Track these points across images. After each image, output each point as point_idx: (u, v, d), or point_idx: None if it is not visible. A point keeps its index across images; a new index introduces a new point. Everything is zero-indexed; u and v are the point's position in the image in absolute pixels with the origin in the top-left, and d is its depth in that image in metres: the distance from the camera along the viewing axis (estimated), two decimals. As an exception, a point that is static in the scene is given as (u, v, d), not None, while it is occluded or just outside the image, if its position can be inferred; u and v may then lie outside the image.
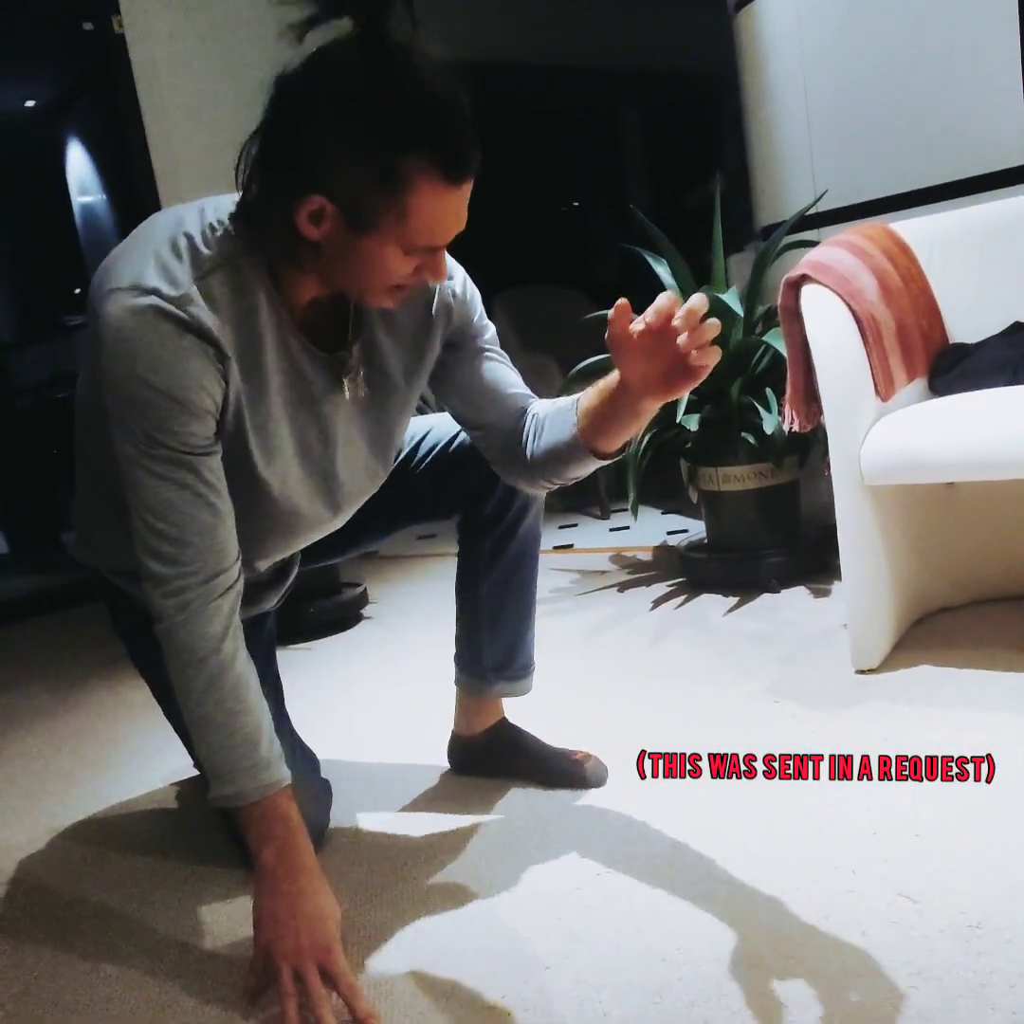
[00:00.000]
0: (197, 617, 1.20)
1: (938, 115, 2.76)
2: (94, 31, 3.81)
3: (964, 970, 1.07)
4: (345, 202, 1.10)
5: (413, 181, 1.08)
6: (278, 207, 1.13)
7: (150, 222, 1.25)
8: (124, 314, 1.14)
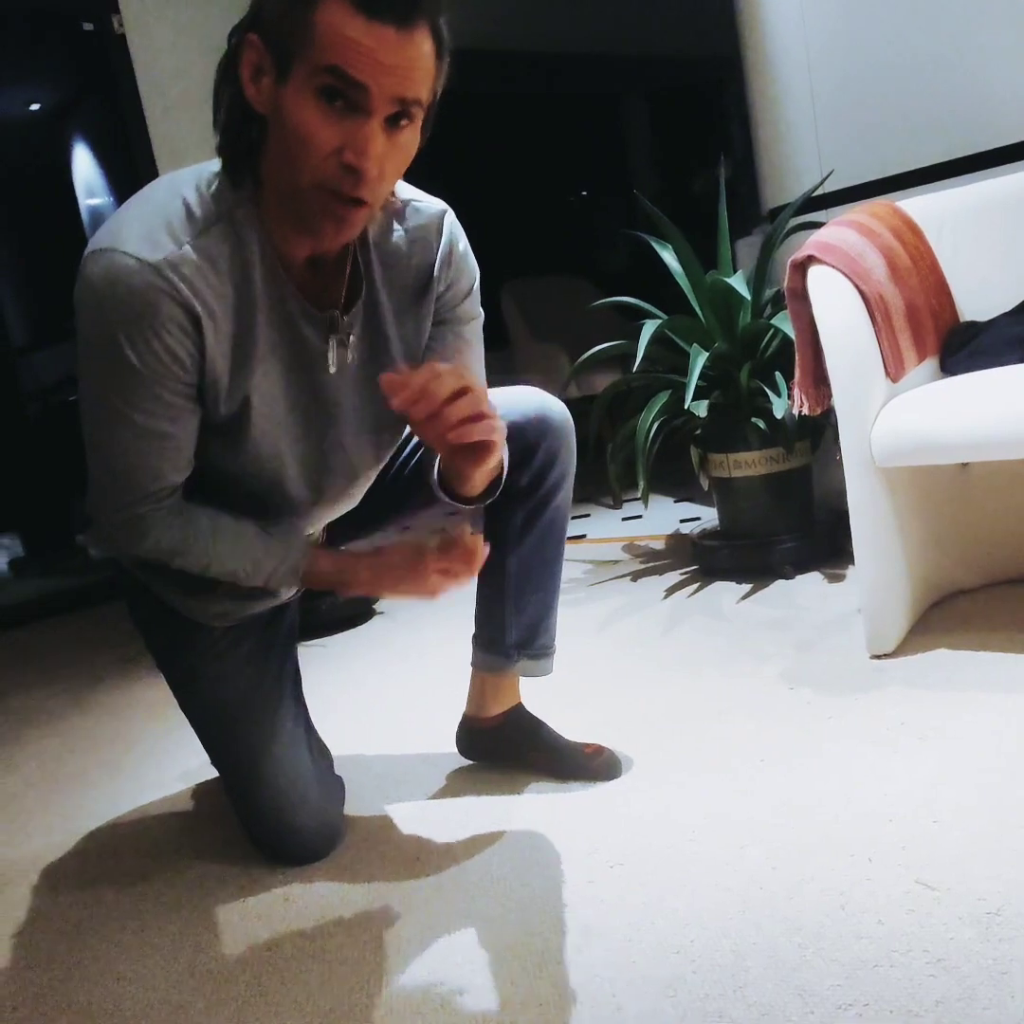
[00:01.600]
0: (153, 526, 1.29)
1: (944, 92, 2.72)
2: (94, 31, 3.81)
3: (983, 958, 1.05)
4: (270, 35, 1.09)
5: (323, 2, 1.05)
6: (228, 70, 1.13)
7: (149, 186, 1.25)
8: (100, 276, 1.14)
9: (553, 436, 1.54)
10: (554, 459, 1.55)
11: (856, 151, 2.90)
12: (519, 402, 1.54)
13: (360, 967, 1.24)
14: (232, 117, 1.16)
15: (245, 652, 1.50)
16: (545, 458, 1.54)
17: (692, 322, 2.62)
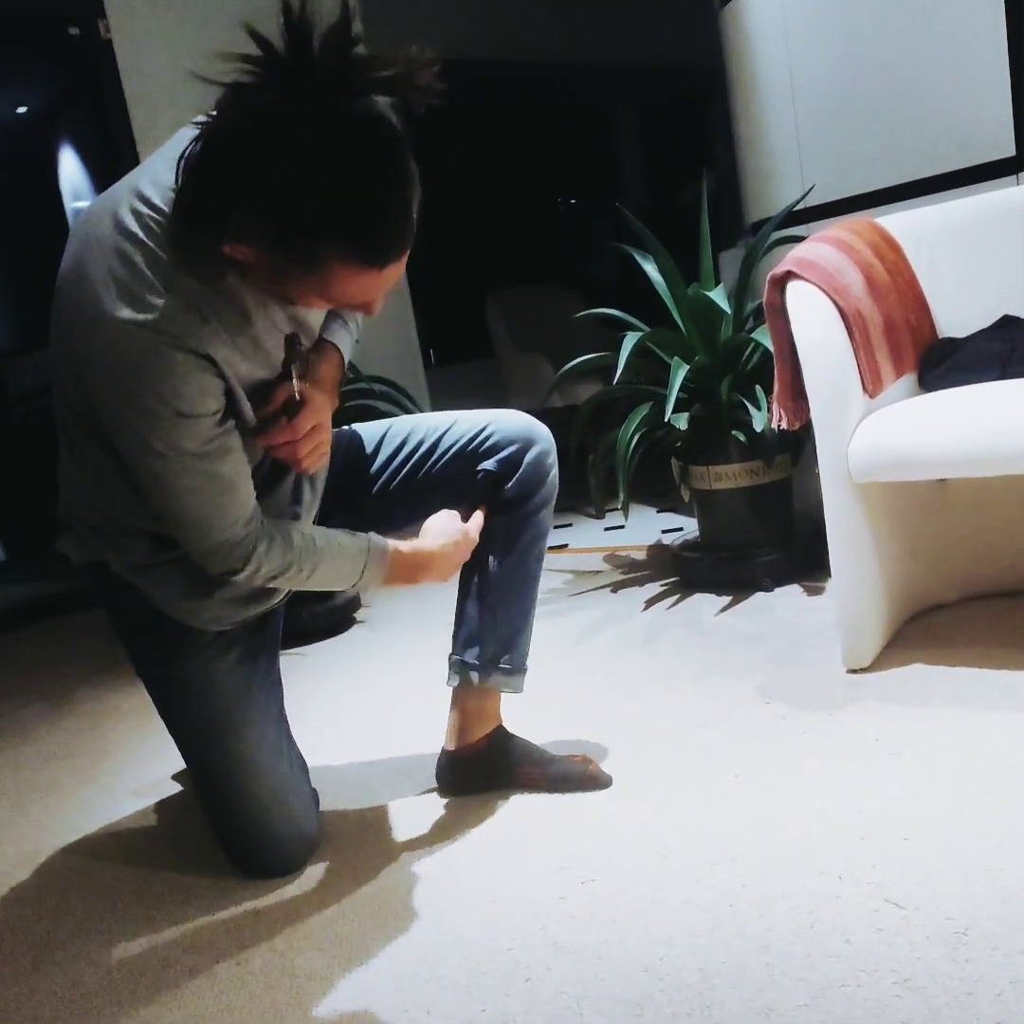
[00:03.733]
0: (265, 558, 1.36)
1: (925, 109, 2.74)
2: (81, 36, 3.80)
3: (949, 978, 1.05)
4: (267, 264, 1.14)
5: (327, 264, 1.10)
6: (206, 241, 1.13)
7: (86, 227, 1.26)
8: (108, 350, 1.19)
9: (538, 452, 1.61)
10: (539, 475, 1.61)
11: (837, 167, 2.92)
12: (509, 421, 1.63)
13: (329, 982, 1.23)
14: (207, 255, 1.16)
15: (232, 660, 1.50)
16: (531, 472, 1.60)
17: (674, 335, 2.63)
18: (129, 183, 1.25)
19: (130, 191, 1.23)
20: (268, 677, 1.57)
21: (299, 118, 1.02)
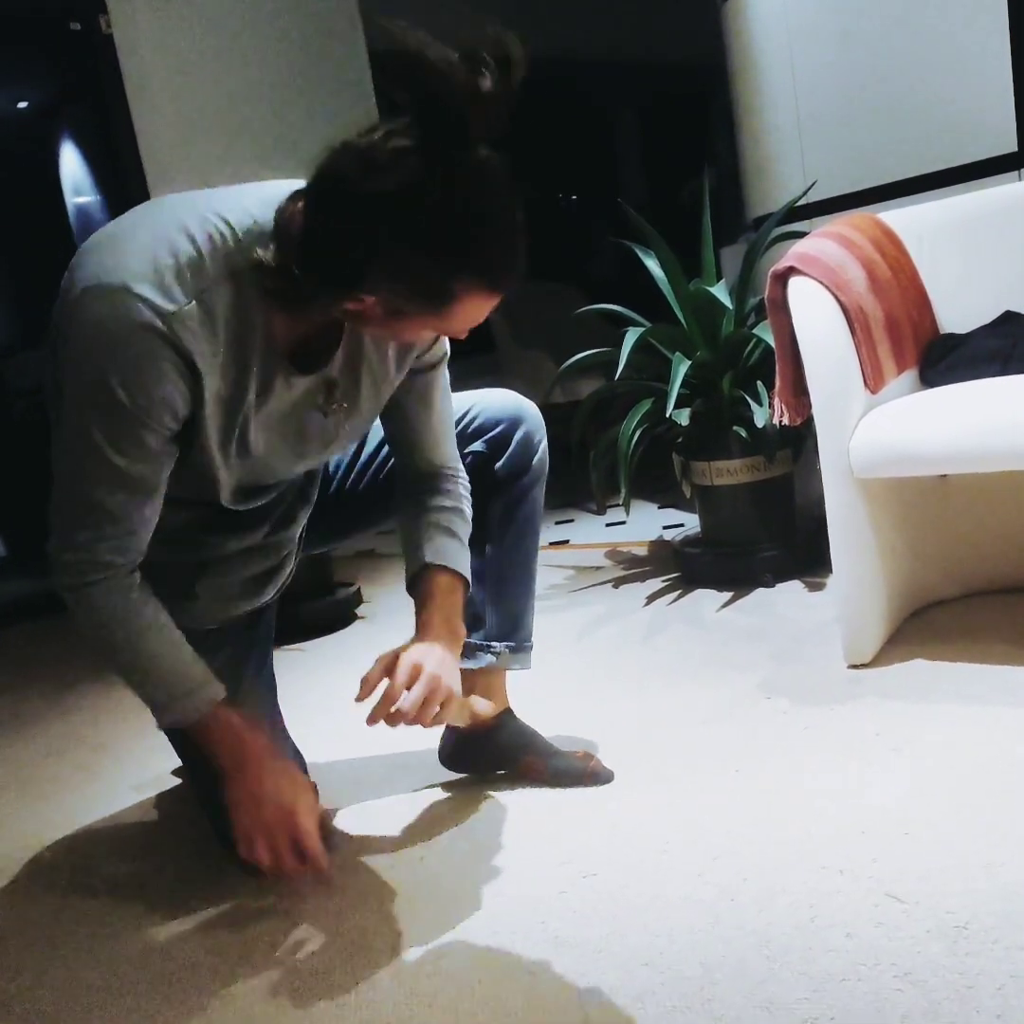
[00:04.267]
0: (102, 592, 1.28)
1: (927, 105, 2.74)
2: (82, 31, 3.80)
3: (950, 972, 1.05)
4: (390, 305, 1.14)
5: (459, 297, 1.12)
6: (322, 293, 1.15)
7: (148, 213, 1.24)
8: (102, 316, 1.13)
9: (526, 430, 1.62)
10: (529, 453, 1.62)
11: (839, 162, 2.91)
12: (494, 401, 1.63)
13: (330, 976, 1.23)
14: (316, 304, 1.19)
15: (223, 658, 1.49)
16: (519, 450, 1.61)
17: (675, 330, 2.63)
18: (208, 202, 1.22)
19: (209, 208, 1.20)
20: (260, 674, 1.57)
21: (437, 168, 1.05)
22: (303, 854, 1.33)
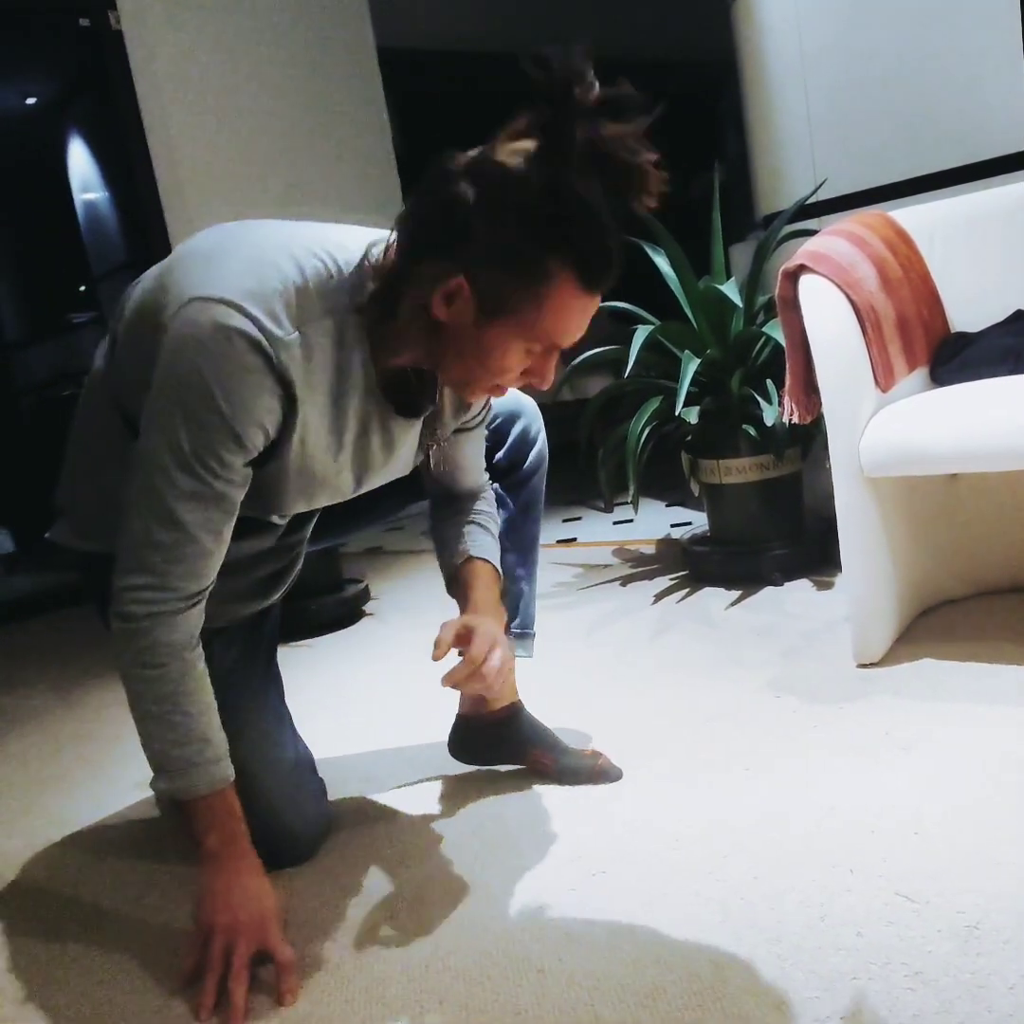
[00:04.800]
0: (165, 626, 1.22)
1: (938, 102, 2.73)
2: (91, 27, 3.80)
3: (961, 971, 1.05)
4: (485, 287, 1.13)
5: (555, 279, 1.12)
6: (417, 285, 1.15)
7: (248, 230, 1.25)
8: (212, 327, 1.13)
9: (524, 421, 1.68)
10: (526, 445, 1.68)
11: (850, 160, 2.91)
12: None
13: (340, 971, 1.23)
14: (404, 309, 1.18)
15: (232, 658, 1.50)
16: (518, 443, 1.67)
17: (684, 328, 2.62)
18: (307, 232, 1.25)
19: (313, 239, 1.22)
20: (268, 672, 1.57)
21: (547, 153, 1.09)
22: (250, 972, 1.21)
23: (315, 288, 1.18)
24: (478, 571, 1.52)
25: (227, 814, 1.28)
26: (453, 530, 1.57)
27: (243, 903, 1.24)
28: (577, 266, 1.12)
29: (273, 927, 1.24)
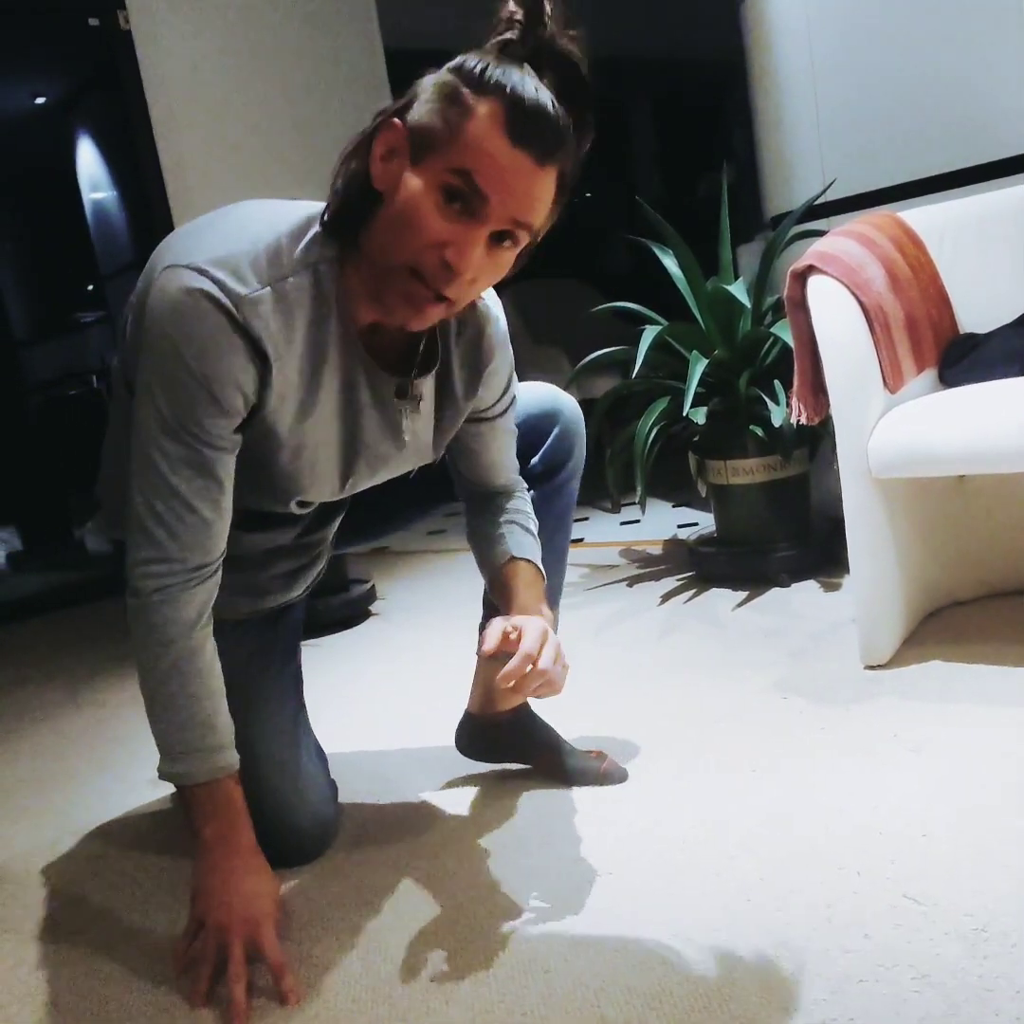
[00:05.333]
0: (174, 601, 1.22)
1: (948, 103, 2.72)
2: (100, 27, 3.81)
3: (969, 974, 1.05)
4: (415, 127, 1.12)
5: (477, 112, 1.09)
6: (362, 143, 1.15)
7: (233, 208, 1.26)
8: (180, 292, 1.14)
9: (564, 426, 1.62)
10: (566, 448, 1.63)
11: (859, 160, 2.90)
12: (532, 394, 1.62)
13: (346, 971, 1.23)
14: (351, 184, 1.17)
15: (246, 653, 1.49)
16: (556, 445, 1.62)
17: (692, 329, 2.62)
18: (290, 203, 1.26)
19: (293, 205, 1.24)
20: (285, 669, 1.57)
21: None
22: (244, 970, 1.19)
23: (289, 244, 1.18)
24: (521, 572, 1.47)
25: (227, 805, 1.26)
26: (492, 530, 1.51)
27: (238, 902, 1.22)
28: (504, 108, 1.09)
29: (266, 929, 1.21)
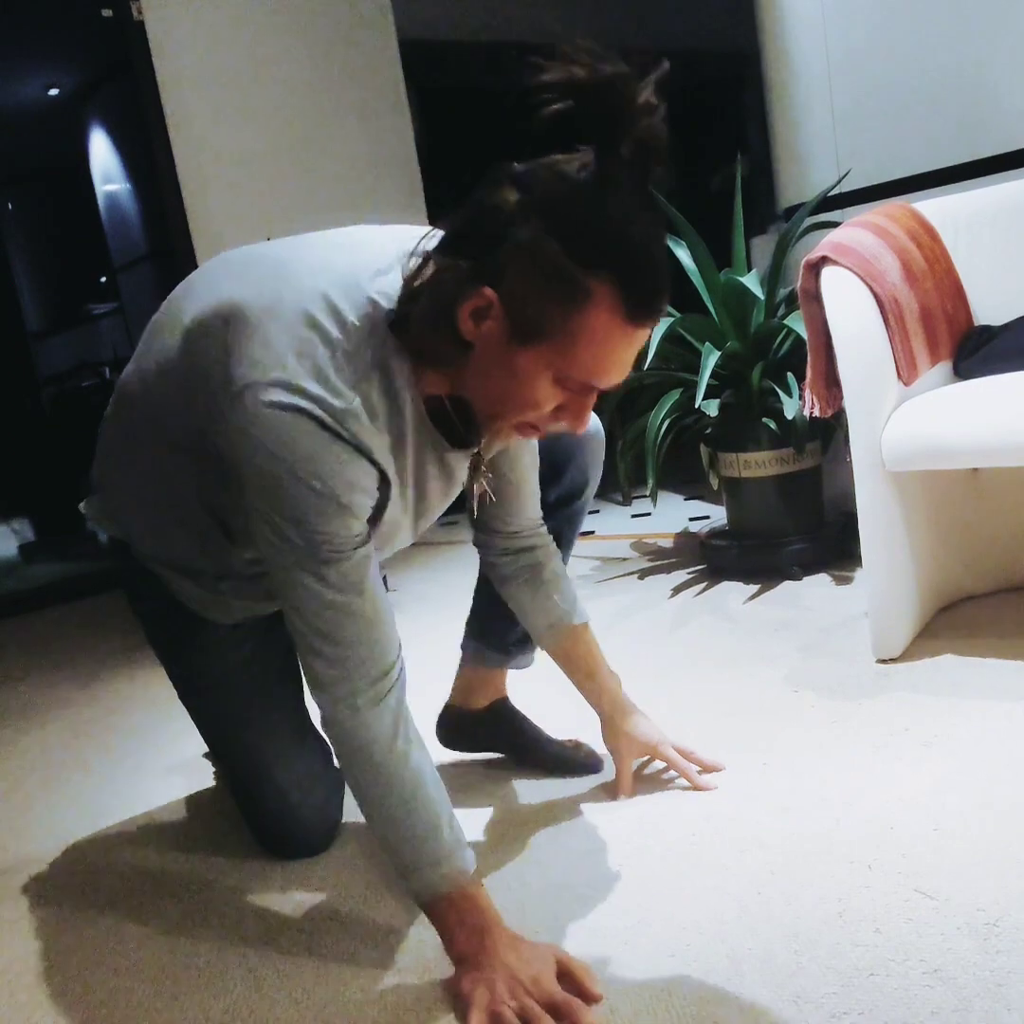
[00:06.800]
0: (369, 719, 1.16)
1: (964, 93, 2.70)
2: (113, 18, 3.81)
3: (980, 969, 1.04)
4: (516, 304, 1.04)
5: (595, 301, 1.02)
6: (443, 295, 1.07)
7: (284, 276, 1.16)
8: (279, 417, 1.07)
9: (584, 456, 1.59)
10: (583, 480, 1.60)
11: (873, 152, 2.88)
12: None
13: (355, 962, 1.24)
14: (432, 326, 1.10)
15: (247, 653, 1.49)
16: (575, 476, 1.59)
17: (705, 321, 2.61)
18: (333, 258, 1.18)
19: (340, 271, 1.15)
20: (286, 667, 1.56)
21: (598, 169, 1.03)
22: None
23: (356, 341, 1.11)
24: (590, 644, 1.56)
25: (472, 910, 1.16)
26: (536, 591, 1.52)
27: (505, 971, 1.11)
28: (622, 289, 1.02)
29: (545, 985, 1.10)
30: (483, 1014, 1.06)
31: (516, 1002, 1.07)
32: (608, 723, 1.58)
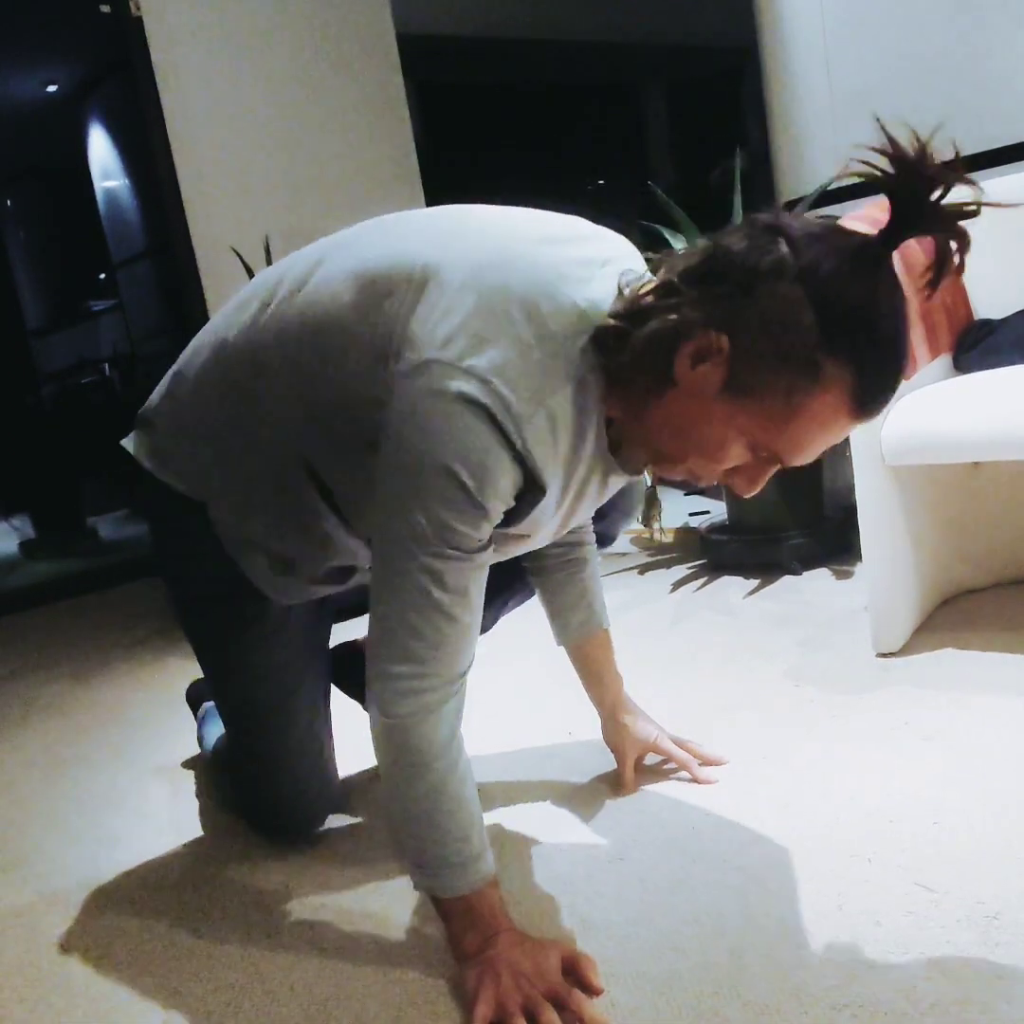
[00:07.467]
0: (432, 721, 1.12)
1: (962, 86, 2.69)
2: (111, 14, 3.80)
3: (980, 962, 1.04)
4: (745, 359, 1.00)
5: (824, 385, 0.99)
6: (675, 325, 1.03)
7: (474, 255, 1.12)
8: (457, 404, 1.03)
9: (629, 499, 1.61)
10: (621, 526, 1.65)
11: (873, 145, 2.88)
12: None
13: (357, 956, 1.24)
14: (652, 350, 1.05)
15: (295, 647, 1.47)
16: (616, 518, 1.62)
17: (704, 315, 2.60)
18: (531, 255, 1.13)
19: (549, 267, 1.11)
20: (323, 653, 1.56)
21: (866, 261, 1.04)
22: None
23: (555, 346, 1.07)
24: (607, 649, 1.62)
25: (487, 916, 1.15)
26: (575, 587, 1.57)
27: (512, 969, 1.11)
28: (859, 380, 0.99)
29: (554, 984, 1.09)
30: (488, 1006, 1.07)
31: (520, 993, 1.07)
32: (609, 721, 1.59)
